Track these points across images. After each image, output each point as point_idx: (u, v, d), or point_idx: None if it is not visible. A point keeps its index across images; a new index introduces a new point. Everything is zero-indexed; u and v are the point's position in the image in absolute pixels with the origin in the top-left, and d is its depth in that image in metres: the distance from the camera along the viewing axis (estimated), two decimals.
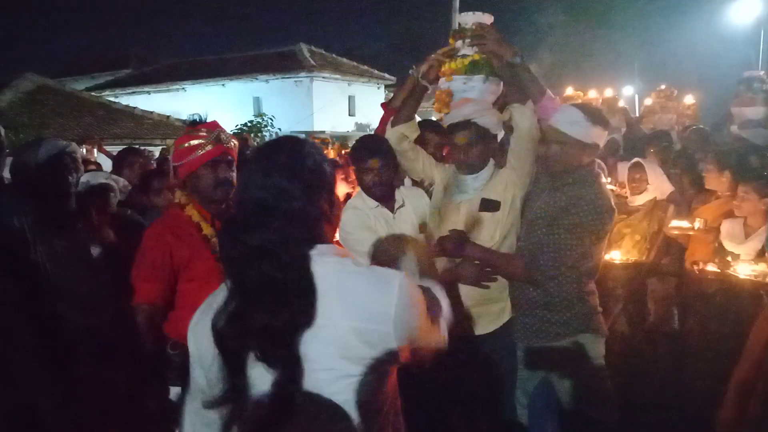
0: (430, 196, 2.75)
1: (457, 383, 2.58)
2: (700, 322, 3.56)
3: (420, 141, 2.76)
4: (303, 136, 1.39)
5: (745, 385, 2.91)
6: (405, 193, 2.72)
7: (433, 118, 3.87)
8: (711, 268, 3.41)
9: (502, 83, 2.69)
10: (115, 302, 2.39)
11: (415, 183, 2.88)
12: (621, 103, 8.66)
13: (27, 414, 1.67)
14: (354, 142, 2.88)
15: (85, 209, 2.59)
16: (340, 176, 4.06)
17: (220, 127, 2.23)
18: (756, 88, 5.58)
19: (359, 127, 22.39)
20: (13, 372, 1.43)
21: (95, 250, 2.53)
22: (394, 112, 2.80)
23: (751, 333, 2.98)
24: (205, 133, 2.17)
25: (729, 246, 3.42)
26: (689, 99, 8.56)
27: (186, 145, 2.17)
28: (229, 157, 2.21)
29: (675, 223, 3.72)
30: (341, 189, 4.05)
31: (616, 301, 3.54)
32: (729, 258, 3.37)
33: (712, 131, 5.77)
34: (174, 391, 2.09)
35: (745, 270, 3.24)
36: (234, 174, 2.21)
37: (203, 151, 2.14)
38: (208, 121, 2.24)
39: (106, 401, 2.34)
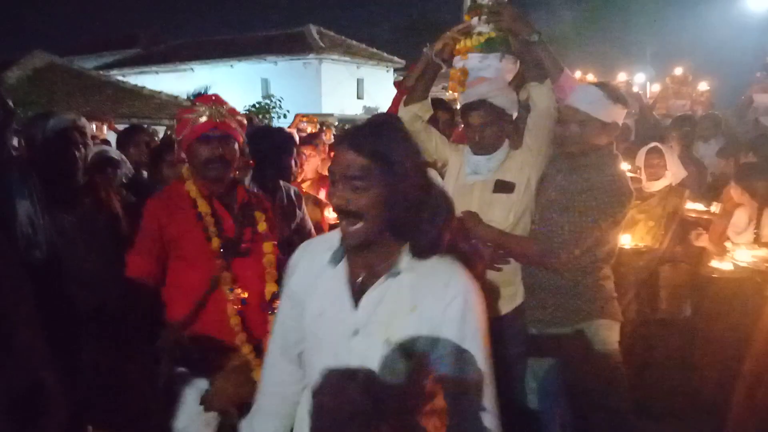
0: (443, 177, 2.70)
1: None
2: (712, 310, 3.52)
3: (429, 120, 2.70)
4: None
5: (754, 375, 2.89)
6: None
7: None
8: (716, 263, 3.37)
9: (518, 61, 2.63)
10: (122, 280, 2.37)
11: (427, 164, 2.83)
12: (634, 89, 8.56)
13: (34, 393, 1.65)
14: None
15: (92, 184, 2.55)
16: None
17: (219, 101, 2.13)
18: None
19: (367, 110, 22.29)
20: (18, 347, 1.41)
21: (101, 225, 2.50)
22: (407, 91, 2.75)
23: (758, 324, 2.96)
24: (197, 107, 2.09)
25: (731, 235, 3.41)
26: (703, 86, 8.45)
27: (183, 117, 2.11)
28: (224, 134, 2.09)
29: (691, 205, 3.67)
30: None
31: (628, 287, 3.49)
32: (729, 244, 3.35)
33: (736, 118, 5.69)
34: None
35: (744, 256, 3.20)
36: (231, 152, 2.11)
37: (194, 126, 2.07)
38: (210, 95, 2.17)
39: (111, 380, 2.33)
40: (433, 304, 1.35)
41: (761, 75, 6.07)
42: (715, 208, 3.60)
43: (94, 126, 5.98)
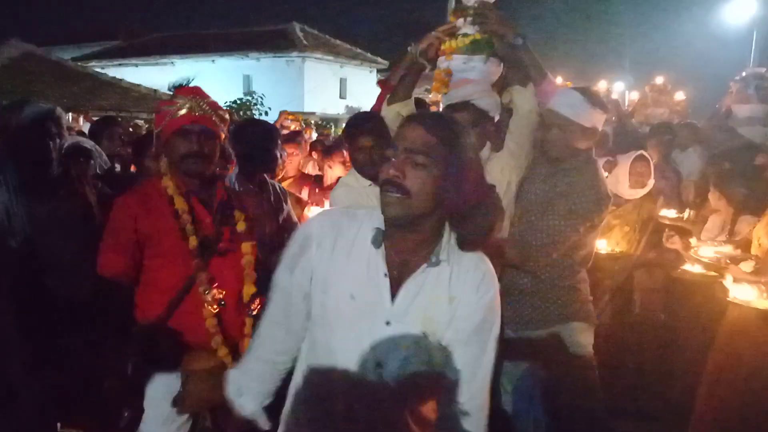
0: None
1: None
2: (684, 313, 3.59)
3: None
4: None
5: (715, 374, 2.97)
6: None
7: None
8: (688, 266, 3.42)
9: (502, 64, 2.64)
10: (95, 272, 2.32)
11: None
12: (614, 96, 8.69)
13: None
14: (346, 121, 2.82)
15: (67, 175, 2.50)
16: (338, 159, 3.98)
17: (201, 95, 2.07)
18: (758, 86, 5.63)
19: (350, 110, 22.25)
20: None
21: (75, 215, 2.45)
22: (390, 89, 2.74)
23: (720, 324, 3.04)
24: (177, 99, 2.02)
25: (704, 238, 3.47)
26: (680, 95, 8.60)
27: (162, 109, 2.05)
28: (203, 128, 2.03)
29: (665, 212, 3.72)
30: (337, 172, 3.97)
31: (603, 291, 3.53)
32: (693, 240, 3.41)
33: (712, 127, 5.81)
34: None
35: (708, 252, 3.26)
36: (210, 147, 2.05)
37: (172, 118, 2.00)
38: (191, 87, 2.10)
39: (82, 372, 2.28)
40: (468, 298, 1.38)
41: (737, 85, 6.20)
42: (688, 214, 3.66)
43: (70, 117, 5.87)
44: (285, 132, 5.94)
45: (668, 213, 3.86)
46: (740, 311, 2.85)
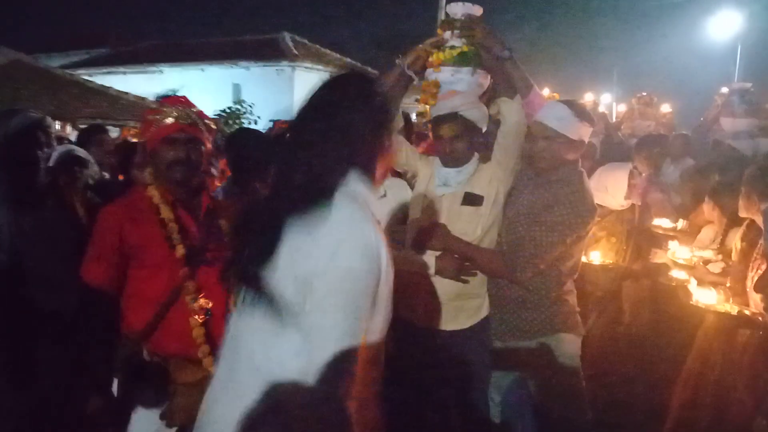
0: (412, 187, 2.72)
1: (431, 378, 2.55)
2: (671, 322, 3.61)
3: None
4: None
5: (689, 376, 3.02)
6: (387, 183, 2.68)
7: (413, 115, 3.86)
8: (674, 273, 3.44)
9: (489, 76, 2.67)
10: (81, 284, 2.30)
11: (397, 174, 2.85)
12: (600, 109, 8.78)
13: None
14: None
15: (55, 185, 2.48)
16: None
17: (187, 104, 2.08)
18: (745, 100, 5.72)
19: None
20: None
21: (63, 226, 2.43)
22: None
23: (701, 327, 3.09)
24: (164, 109, 2.03)
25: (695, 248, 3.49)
26: (666, 107, 8.70)
27: (148, 118, 2.05)
28: (190, 137, 2.04)
29: (657, 221, 3.75)
30: None
31: (593, 303, 3.55)
32: (675, 243, 3.45)
33: (696, 140, 5.89)
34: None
35: (684, 254, 3.28)
36: (197, 155, 2.05)
37: (158, 127, 2.01)
38: (178, 96, 2.12)
39: (66, 386, 2.26)
40: None
41: (723, 98, 6.30)
42: (681, 225, 3.69)
43: (58, 125, 5.84)
44: None
45: (662, 222, 3.89)
46: (712, 315, 2.90)
